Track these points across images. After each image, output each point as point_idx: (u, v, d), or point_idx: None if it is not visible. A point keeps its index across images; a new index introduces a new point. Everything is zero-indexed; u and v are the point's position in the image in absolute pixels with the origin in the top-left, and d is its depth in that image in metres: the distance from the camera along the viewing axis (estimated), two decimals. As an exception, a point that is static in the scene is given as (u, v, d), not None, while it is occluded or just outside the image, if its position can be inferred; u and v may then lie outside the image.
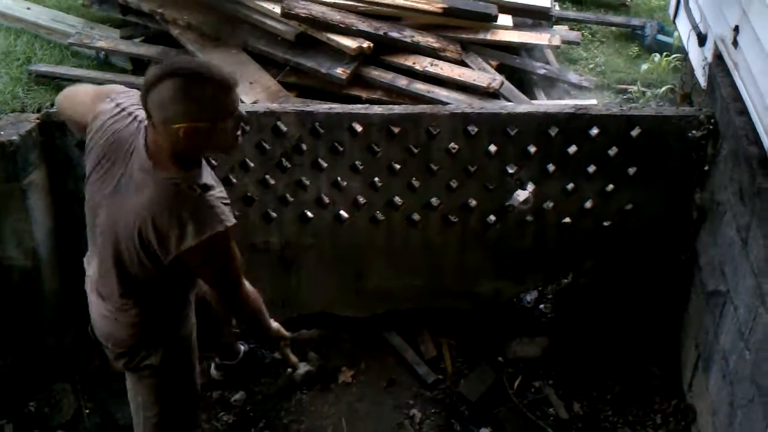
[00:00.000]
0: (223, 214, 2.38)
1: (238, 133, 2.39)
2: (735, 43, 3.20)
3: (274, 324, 2.96)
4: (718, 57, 3.45)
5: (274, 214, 3.70)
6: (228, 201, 2.46)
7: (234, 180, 3.58)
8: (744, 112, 3.11)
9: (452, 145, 3.54)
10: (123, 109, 2.49)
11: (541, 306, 4.04)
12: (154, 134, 2.34)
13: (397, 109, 3.57)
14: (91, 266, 2.70)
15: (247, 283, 2.67)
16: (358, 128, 3.51)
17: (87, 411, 3.65)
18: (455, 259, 3.82)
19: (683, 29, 4.05)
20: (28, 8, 5.80)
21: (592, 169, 3.56)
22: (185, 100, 2.23)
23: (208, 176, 2.46)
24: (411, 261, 3.83)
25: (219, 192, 2.44)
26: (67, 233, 3.63)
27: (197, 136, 2.27)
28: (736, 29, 3.18)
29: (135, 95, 2.50)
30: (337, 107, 3.58)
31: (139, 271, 2.47)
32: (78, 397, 3.69)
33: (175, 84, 2.22)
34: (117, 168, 2.44)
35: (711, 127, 3.41)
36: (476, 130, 3.50)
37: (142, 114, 2.39)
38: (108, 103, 2.52)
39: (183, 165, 2.37)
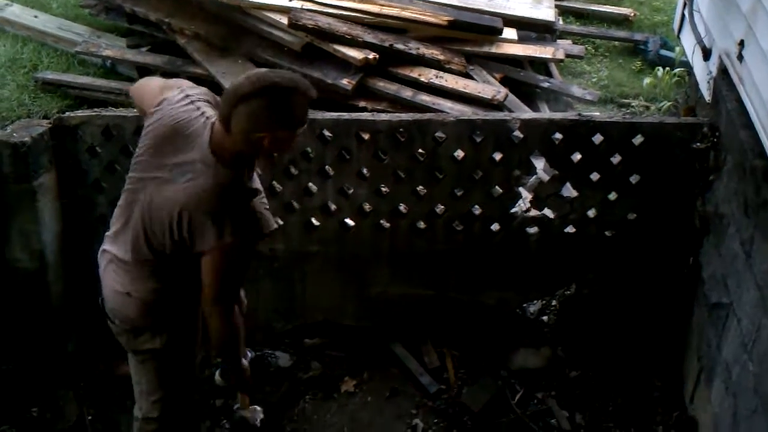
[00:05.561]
0: (264, 219, 2.51)
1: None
2: (740, 58, 3.22)
3: (244, 362, 2.97)
4: (723, 71, 3.48)
5: (280, 222, 3.71)
6: (268, 207, 2.57)
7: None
8: (749, 125, 3.13)
9: (458, 152, 3.56)
10: (192, 102, 2.58)
11: (545, 317, 4.04)
12: (224, 137, 2.43)
13: (404, 116, 3.60)
14: (116, 241, 2.72)
15: (237, 309, 2.74)
16: (365, 136, 3.53)
17: (90, 417, 3.65)
18: (459, 268, 3.83)
19: (688, 44, 4.08)
20: (36, 16, 5.83)
21: (595, 177, 3.58)
22: (276, 113, 2.37)
23: (256, 180, 2.63)
24: (415, 269, 3.84)
25: (262, 198, 2.57)
26: (74, 238, 3.65)
27: (278, 142, 2.44)
28: (742, 43, 3.20)
29: (204, 92, 2.66)
30: (345, 115, 3.61)
31: (166, 247, 2.56)
32: (81, 403, 3.69)
33: (268, 99, 2.36)
34: (173, 153, 2.53)
35: (715, 139, 3.43)
36: (482, 137, 3.52)
37: (209, 111, 2.55)
38: (177, 93, 2.61)
39: (242, 165, 2.50)
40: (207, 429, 3.59)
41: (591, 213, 3.67)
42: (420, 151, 3.57)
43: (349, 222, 3.76)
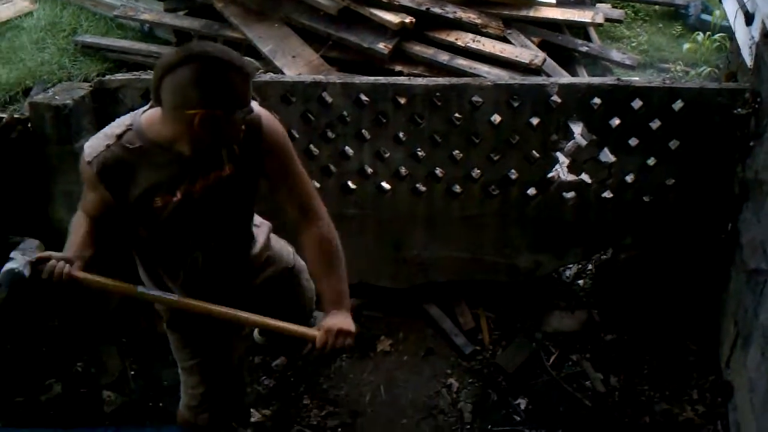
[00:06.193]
0: (95, 151, 2.33)
1: (243, 128, 2.35)
2: (784, 21, 3.19)
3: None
4: (766, 36, 3.43)
5: (317, 184, 3.74)
6: (112, 155, 2.33)
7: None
8: (791, 91, 3.10)
9: (495, 116, 3.56)
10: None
11: (580, 281, 4.06)
12: (159, 117, 2.31)
13: (441, 80, 3.60)
14: None
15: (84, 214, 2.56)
16: (402, 100, 3.54)
17: (132, 372, 3.74)
18: (495, 232, 3.84)
19: (730, 8, 4.02)
20: (75, -20, 5.90)
21: (634, 142, 3.57)
22: (204, 85, 2.18)
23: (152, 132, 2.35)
24: (451, 233, 3.85)
25: (119, 147, 2.32)
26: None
27: (212, 124, 2.23)
28: (786, 7, 3.17)
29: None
30: (382, 79, 3.61)
31: None
32: (123, 359, 3.78)
33: (194, 69, 2.17)
34: None
35: (756, 105, 3.39)
36: (519, 102, 3.52)
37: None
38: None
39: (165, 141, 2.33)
40: (247, 385, 3.64)
41: (629, 178, 3.66)
42: (456, 115, 3.57)
43: (386, 185, 3.78)
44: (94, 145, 2.36)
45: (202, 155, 2.38)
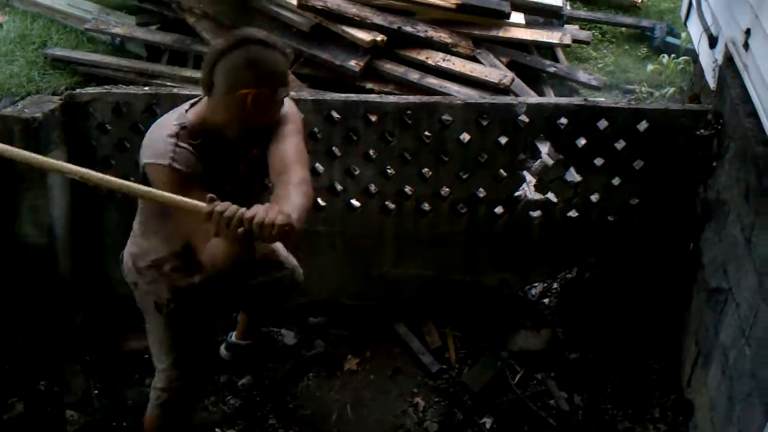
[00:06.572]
0: (168, 153, 2.36)
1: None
2: (746, 46, 3.25)
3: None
4: (729, 59, 3.50)
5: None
6: (184, 152, 2.38)
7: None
8: (753, 113, 3.16)
9: (464, 135, 3.59)
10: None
11: (546, 299, 4.09)
12: (205, 107, 2.48)
13: (412, 98, 3.63)
14: None
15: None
16: (373, 117, 3.56)
17: (96, 391, 3.68)
18: (462, 250, 3.87)
19: (694, 31, 4.10)
20: (45, -7, 5.87)
21: (599, 162, 3.62)
22: (256, 66, 2.37)
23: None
24: (419, 251, 3.88)
25: (184, 143, 2.40)
26: (83, 214, 3.70)
27: (262, 102, 2.40)
28: (748, 32, 3.23)
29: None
30: (353, 96, 3.64)
31: None
32: (87, 377, 3.72)
33: (246, 51, 2.36)
34: None
35: (718, 126, 3.46)
36: (488, 121, 3.55)
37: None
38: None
39: (213, 132, 2.47)
40: (212, 404, 3.63)
41: (594, 198, 3.71)
42: (426, 133, 3.60)
43: (355, 203, 3.80)
44: (159, 151, 2.39)
45: (243, 139, 2.53)
